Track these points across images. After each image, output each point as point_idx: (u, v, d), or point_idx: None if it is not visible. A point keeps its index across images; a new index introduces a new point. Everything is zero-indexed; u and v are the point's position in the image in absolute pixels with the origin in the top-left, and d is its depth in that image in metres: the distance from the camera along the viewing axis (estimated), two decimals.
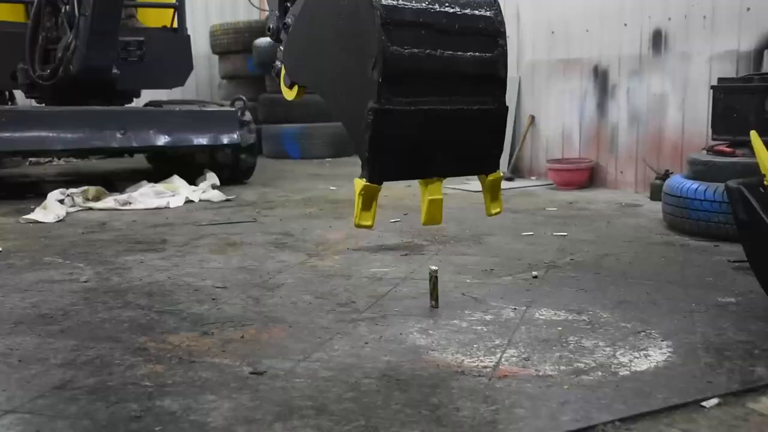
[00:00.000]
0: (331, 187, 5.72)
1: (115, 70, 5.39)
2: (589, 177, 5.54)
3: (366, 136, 1.92)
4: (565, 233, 3.67)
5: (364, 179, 1.98)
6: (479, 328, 2.15)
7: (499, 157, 2.24)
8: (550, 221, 4.06)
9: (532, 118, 6.02)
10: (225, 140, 5.48)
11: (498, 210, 2.29)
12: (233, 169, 5.87)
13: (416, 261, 3.06)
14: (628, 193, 5.23)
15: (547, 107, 5.91)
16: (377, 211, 2.04)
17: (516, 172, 6.13)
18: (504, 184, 5.43)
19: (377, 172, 1.97)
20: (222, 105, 5.96)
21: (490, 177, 2.22)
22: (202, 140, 5.38)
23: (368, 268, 2.93)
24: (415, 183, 2.23)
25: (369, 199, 2.00)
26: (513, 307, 2.36)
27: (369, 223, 2.04)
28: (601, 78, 5.44)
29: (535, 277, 2.76)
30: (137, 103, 6.63)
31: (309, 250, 3.34)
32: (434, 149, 2.06)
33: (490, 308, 2.35)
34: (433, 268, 2.35)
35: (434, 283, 2.34)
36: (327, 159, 8.28)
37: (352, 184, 2.04)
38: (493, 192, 2.25)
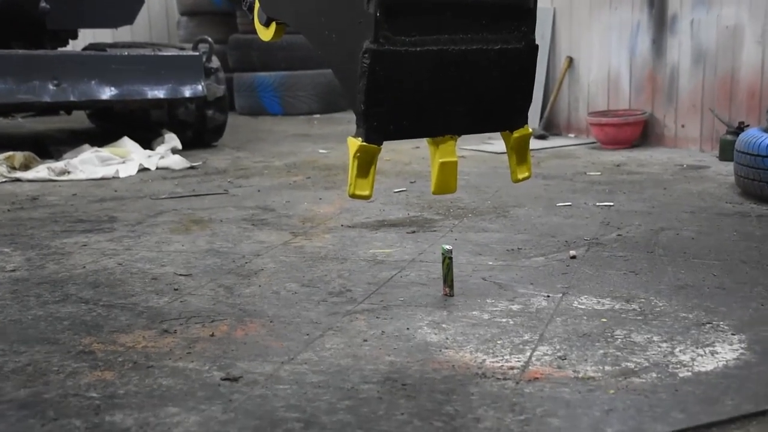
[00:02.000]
0: (320, 150, 5.71)
1: (43, 4, 5.34)
2: (642, 133, 5.53)
3: (361, 85, 1.92)
4: (611, 203, 3.67)
5: (360, 139, 1.98)
6: (504, 320, 2.17)
7: (527, 110, 2.24)
8: (593, 188, 4.05)
9: (570, 60, 5.98)
10: (187, 93, 5.46)
11: (526, 175, 2.30)
12: (198, 129, 5.87)
13: (426, 239, 3.07)
14: (691, 151, 5.21)
15: (588, 46, 5.86)
16: (377, 179, 2.04)
17: (549, 129, 6.11)
18: (534, 143, 5.45)
19: (376, 130, 1.98)
20: (182, 48, 5.93)
21: (516, 134, 2.22)
22: (158, 93, 5.36)
23: (367, 249, 2.95)
24: (424, 143, 2.23)
25: (366, 164, 2.01)
26: (546, 295, 2.37)
27: (366, 192, 2.05)
28: (657, 7, 5.39)
29: (574, 257, 2.77)
30: (74, 46, 6.59)
31: (293, 227, 3.35)
32: (446, 100, 2.06)
33: (518, 296, 2.37)
34: (447, 247, 2.35)
35: (448, 267, 2.35)
36: (315, 115, 8.27)
37: (346, 146, 2.04)
38: (520, 153, 2.25)
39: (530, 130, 2.24)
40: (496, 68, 2.09)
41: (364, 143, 1.97)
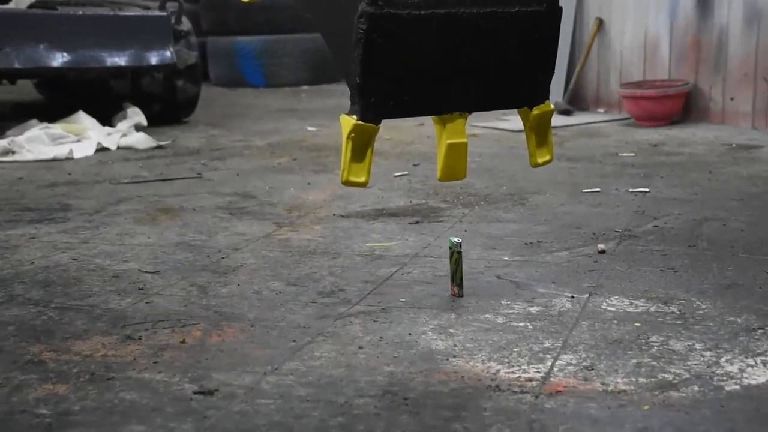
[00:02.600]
0: (309, 128, 5.71)
1: None
2: (684, 107, 5.53)
3: (356, 54, 1.93)
4: (647, 189, 3.68)
5: (355, 117, 1.99)
6: (522, 324, 2.17)
7: (549, 83, 2.24)
8: (625, 172, 4.06)
9: (600, 22, 5.97)
10: (153, 60, 5.45)
11: (547, 158, 2.32)
12: (166, 103, 5.86)
13: (432, 231, 3.08)
14: (742, 129, 5.20)
15: (622, 5, 5.85)
16: (374, 161, 2.05)
17: (575, 103, 6.11)
18: (557, 120, 5.44)
19: (373, 107, 1.99)
20: (147, 8, 5.92)
21: (536, 111, 2.24)
22: (118, 60, 5.35)
23: (363, 243, 2.96)
24: (429, 121, 2.24)
25: (362, 146, 2.02)
26: (570, 295, 2.38)
27: (362, 179, 2.07)
28: None
29: (603, 252, 2.78)
30: (17, 3, 6.55)
31: (278, 217, 3.36)
32: (455, 72, 2.07)
33: (538, 297, 2.37)
34: (456, 240, 2.36)
35: (457, 263, 2.36)
36: (303, 87, 8.26)
37: (338, 124, 2.04)
38: (540, 133, 2.27)
39: (552, 106, 2.25)
40: (513, 34, 2.09)
41: (360, 122, 1.98)
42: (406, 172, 4.12)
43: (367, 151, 2.03)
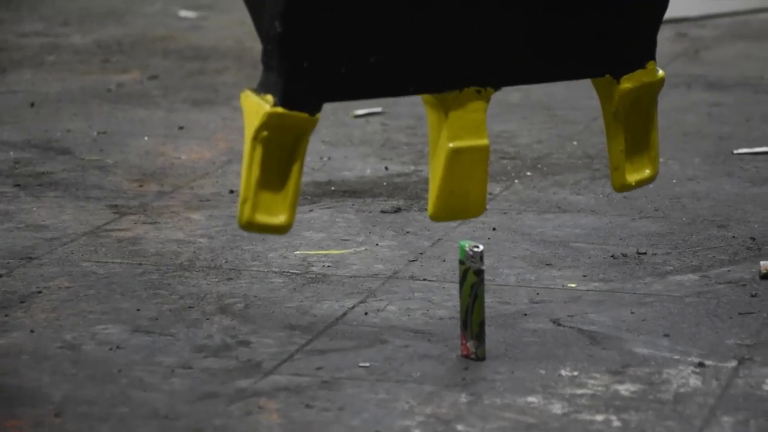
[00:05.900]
0: (183, 13, 5.84)
1: None
2: None
3: None
4: None
5: (272, 97, 2.10)
6: (600, 418, 2.16)
7: (658, 25, 2.36)
8: None
9: None
10: None
11: (647, 173, 2.49)
12: None
13: (426, 228, 3.10)
14: None
15: None
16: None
17: None
18: (687, 5, 5.42)
19: (307, 77, 2.12)
20: None
21: (627, 84, 2.35)
22: None
23: (288, 249, 2.98)
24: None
25: (284, 155, 2.15)
26: (698, 360, 2.38)
27: (280, 219, 2.23)
28: None
29: None
30: None
31: (117, 194, 3.39)
32: (466, 11, 2.18)
33: (634, 363, 2.38)
34: (474, 248, 2.35)
35: (474, 292, 2.36)
36: None
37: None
38: (635, 125, 2.40)
39: (661, 73, 2.34)
40: None
41: (281, 109, 2.07)
42: (378, 109, 4.15)
43: (293, 168, 2.15)
